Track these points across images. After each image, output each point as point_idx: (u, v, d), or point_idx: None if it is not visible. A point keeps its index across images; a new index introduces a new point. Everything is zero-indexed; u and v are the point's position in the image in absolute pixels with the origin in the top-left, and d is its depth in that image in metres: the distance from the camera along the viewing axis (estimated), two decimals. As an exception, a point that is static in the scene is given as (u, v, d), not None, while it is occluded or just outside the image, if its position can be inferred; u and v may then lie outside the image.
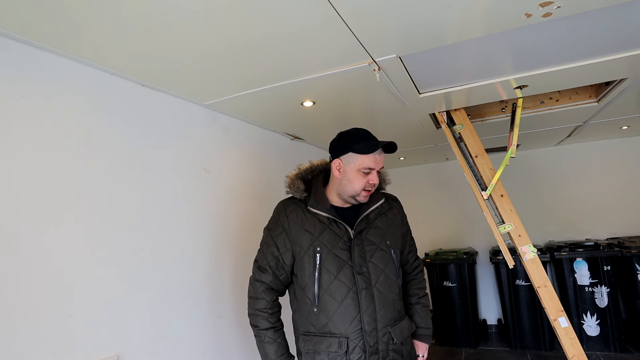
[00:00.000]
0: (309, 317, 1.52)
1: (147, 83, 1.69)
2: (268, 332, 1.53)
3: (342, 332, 1.46)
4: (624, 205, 4.20)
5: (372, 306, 1.48)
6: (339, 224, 1.54)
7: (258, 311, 1.55)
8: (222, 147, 2.21)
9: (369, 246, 1.54)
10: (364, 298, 1.47)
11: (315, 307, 1.49)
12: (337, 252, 1.50)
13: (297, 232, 1.54)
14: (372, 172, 1.52)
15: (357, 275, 1.49)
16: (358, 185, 1.51)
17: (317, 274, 1.49)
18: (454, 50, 1.60)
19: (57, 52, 1.34)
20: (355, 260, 1.50)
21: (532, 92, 2.21)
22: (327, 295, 1.48)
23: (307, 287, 1.51)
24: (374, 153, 1.50)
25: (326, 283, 1.48)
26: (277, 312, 1.59)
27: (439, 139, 3.45)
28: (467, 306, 4.17)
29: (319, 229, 1.53)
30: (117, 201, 1.52)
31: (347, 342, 1.45)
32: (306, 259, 1.51)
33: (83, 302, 1.34)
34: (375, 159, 1.51)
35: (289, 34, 1.35)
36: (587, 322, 3.73)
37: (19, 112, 1.22)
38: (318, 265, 1.49)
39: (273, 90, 1.87)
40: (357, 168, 1.50)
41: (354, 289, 1.48)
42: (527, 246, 2.29)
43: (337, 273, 1.48)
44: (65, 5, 1.07)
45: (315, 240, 1.52)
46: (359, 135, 1.54)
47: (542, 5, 1.26)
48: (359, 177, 1.51)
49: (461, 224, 4.84)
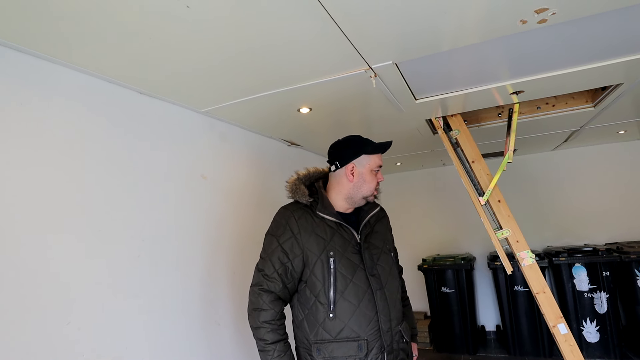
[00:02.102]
0: (323, 324, 1.47)
1: (145, 91, 1.69)
2: (277, 346, 1.43)
3: (361, 334, 1.46)
4: (622, 210, 4.20)
5: (386, 306, 1.52)
6: (346, 229, 1.56)
7: (265, 323, 1.44)
8: (219, 153, 2.20)
9: (374, 249, 1.59)
10: (380, 298, 1.50)
11: (331, 312, 1.46)
12: (349, 256, 1.52)
13: (308, 237, 1.50)
14: (379, 170, 1.64)
15: (370, 277, 1.52)
16: (373, 185, 1.60)
17: (333, 279, 1.47)
18: (450, 56, 1.61)
19: (55, 61, 1.34)
20: (367, 263, 1.53)
21: (528, 97, 2.22)
22: (342, 299, 1.47)
23: (321, 293, 1.47)
24: (380, 153, 1.64)
25: (342, 287, 1.47)
26: (283, 323, 1.51)
27: (435, 145, 3.46)
28: (465, 312, 4.14)
29: (330, 234, 1.52)
30: (114, 208, 1.51)
31: (367, 343, 1.46)
32: (319, 264, 1.48)
33: (81, 309, 1.33)
34: (381, 158, 1.65)
35: (286, 42, 1.35)
36: (586, 328, 3.71)
37: (17, 119, 1.22)
38: (333, 269, 1.47)
39: (270, 97, 1.87)
40: (371, 168, 1.60)
41: (369, 291, 1.50)
42: (525, 252, 2.28)
43: (352, 277, 1.49)
44: (64, 14, 1.07)
45: (327, 244, 1.50)
46: (362, 140, 1.64)
47: (537, 12, 1.27)
48: (372, 176, 1.60)
49: (459, 230, 4.84)
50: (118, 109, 1.59)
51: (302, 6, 1.14)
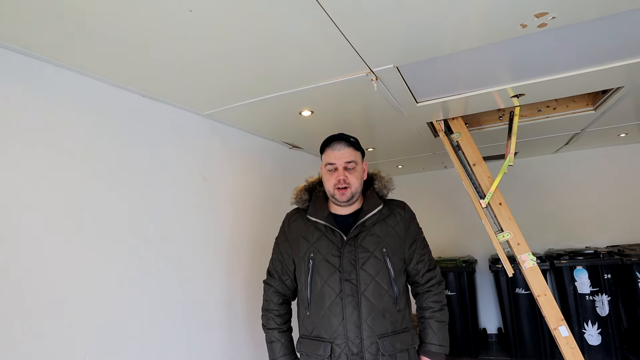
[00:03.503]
0: (303, 321, 1.59)
1: (147, 94, 1.70)
2: (273, 332, 1.62)
3: (328, 336, 1.49)
4: (624, 212, 4.19)
5: (356, 313, 1.47)
6: (334, 232, 1.57)
7: (267, 312, 1.66)
8: (221, 156, 2.21)
9: (362, 253, 1.53)
10: (348, 304, 1.48)
11: (308, 311, 1.55)
12: (329, 259, 1.53)
13: (296, 239, 1.63)
14: (338, 168, 1.56)
15: (345, 282, 1.50)
16: (329, 184, 1.57)
17: (310, 279, 1.55)
18: (450, 59, 1.62)
19: (58, 64, 1.35)
20: (344, 267, 1.51)
21: (529, 100, 2.23)
22: (317, 299, 1.53)
23: (302, 291, 1.58)
24: (330, 148, 1.59)
25: (317, 288, 1.53)
26: (284, 314, 1.66)
27: (436, 147, 3.46)
28: (466, 315, 4.14)
29: (316, 236, 1.58)
30: (116, 210, 1.52)
31: (332, 346, 1.47)
32: (302, 264, 1.58)
33: (83, 311, 1.34)
34: (334, 155, 1.57)
35: (288, 45, 1.36)
36: (588, 331, 3.70)
37: (20, 121, 1.23)
38: (310, 270, 1.55)
39: (272, 100, 1.88)
40: (324, 166, 1.61)
41: (340, 295, 1.49)
42: (526, 254, 2.28)
43: (326, 278, 1.52)
44: (67, 18, 1.09)
45: (310, 247, 1.58)
46: (327, 138, 1.62)
47: (537, 16, 1.28)
48: (328, 175, 1.58)
49: (460, 232, 4.83)
50: (120, 111, 1.60)
51: (304, 10, 1.15)
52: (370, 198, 1.62)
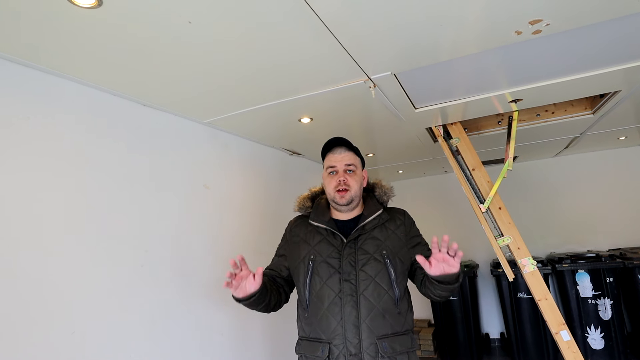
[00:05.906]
0: (302, 322, 1.59)
1: (148, 103, 1.72)
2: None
3: (326, 337, 1.49)
4: (625, 215, 4.19)
5: (354, 313, 1.48)
6: (335, 235, 1.59)
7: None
8: (221, 163, 2.23)
9: (361, 255, 1.55)
10: (347, 304, 1.49)
11: (307, 312, 1.55)
12: (329, 260, 1.55)
13: (297, 243, 1.65)
14: (338, 171, 1.61)
15: (344, 282, 1.51)
16: (330, 187, 1.60)
17: (309, 280, 1.56)
18: (448, 66, 1.63)
19: (61, 75, 1.38)
20: (344, 268, 1.53)
21: (527, 105, 2.24)
22: (315, 300, 1.53)
23: (301, 292, 1.59)
24: (331, 153, 1.63)
25: (315, 289, 1.54)
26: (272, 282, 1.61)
27: (436, 152, 3.47)
28: (468, 320, 4.12)
29: (317, 240, 1.61)
30: (118, 219, 1.53)
31: (330, 347, 1.47)
32: (301, 266, 1.59)
33: (85, 318, 1.35)
34: (335, 158, 1.62)
35: (287, 53, 1.38)
36: (591, 335, 3.68)
37: (23, 132, 1.25)
38: (310, 271, 1.56)
39: (272, 107, 1.90)
40: (325, 170, 1.65)
41: (339, 295, 1.50)
42: (527, 259, 2.28)
43: (326, 279, 1.53)
44: (69, 30, 1.11)
45: (311, 249, 1.60)
46: (328, 141, 1.65)
47: (531, 23, 1.29)
48: (329, 179, 1.62)
49: (461, 237, 4.81)
50: (122, 120, 1.62)
51: (301, 19, 1.17)
52: (370, 204, 1.66)
